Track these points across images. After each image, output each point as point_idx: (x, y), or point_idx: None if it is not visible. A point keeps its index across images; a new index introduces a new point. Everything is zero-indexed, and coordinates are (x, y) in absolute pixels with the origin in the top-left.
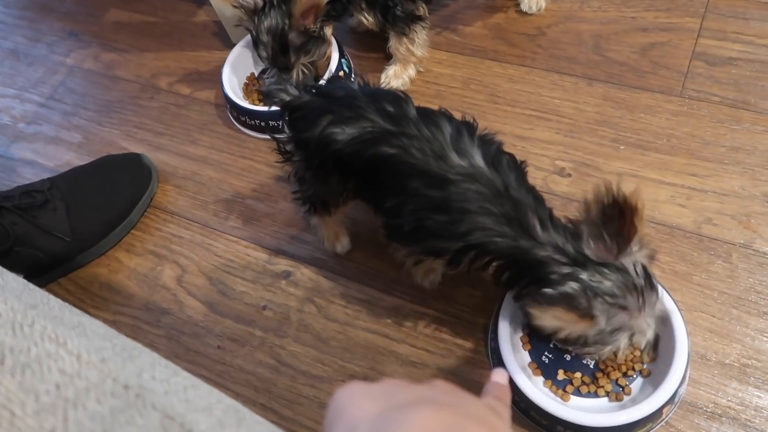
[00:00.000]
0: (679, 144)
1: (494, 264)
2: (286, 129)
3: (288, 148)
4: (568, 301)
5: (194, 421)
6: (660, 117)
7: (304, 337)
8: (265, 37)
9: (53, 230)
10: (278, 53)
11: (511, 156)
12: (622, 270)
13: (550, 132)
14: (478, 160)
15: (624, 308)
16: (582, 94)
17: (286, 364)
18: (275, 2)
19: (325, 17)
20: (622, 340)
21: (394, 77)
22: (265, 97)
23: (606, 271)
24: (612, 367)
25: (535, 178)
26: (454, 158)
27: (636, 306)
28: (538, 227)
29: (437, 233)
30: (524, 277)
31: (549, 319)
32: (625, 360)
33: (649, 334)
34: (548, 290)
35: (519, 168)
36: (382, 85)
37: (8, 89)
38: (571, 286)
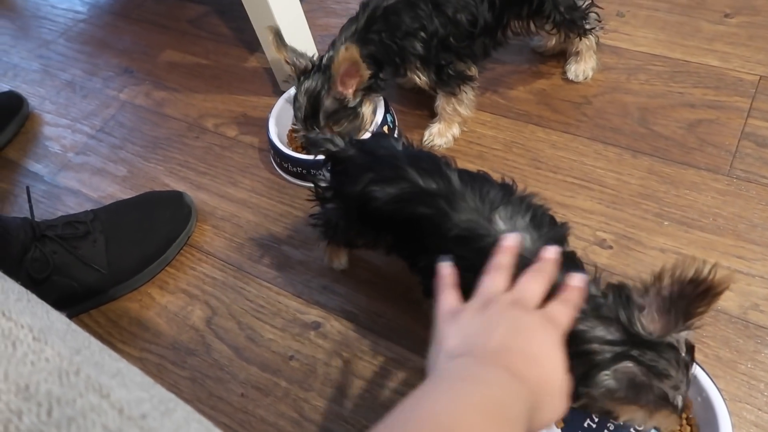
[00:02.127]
0: (726, 224)
1: None
2: (326, 176)
3: (327, 195)
4: (634, 389)
5: None
6: (706, 195)
7: (328, 391)
8: (302, 97)
9: (91, 262)
10: (309, 115)
11: (552, 219)
12: (672, 347)
13: (592, 202)
14: (519, 224)
15: (677, 388)
16: (626, 166)
17: (308, 419)
18: (322, 67)
19: (366, 89)
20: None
21: (438, 135)
22: (311, 146)
23: (660, 348)
24: None
25: (575, 248)
26: (495, 221)
27: (684, 382)
28: None
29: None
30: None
31: (635, 417)
32: None
33: (680, 402)
34: (604, 375)
35: (560, 232)
36: (425, 143)
37: (62, 119)
38: (627, 366)
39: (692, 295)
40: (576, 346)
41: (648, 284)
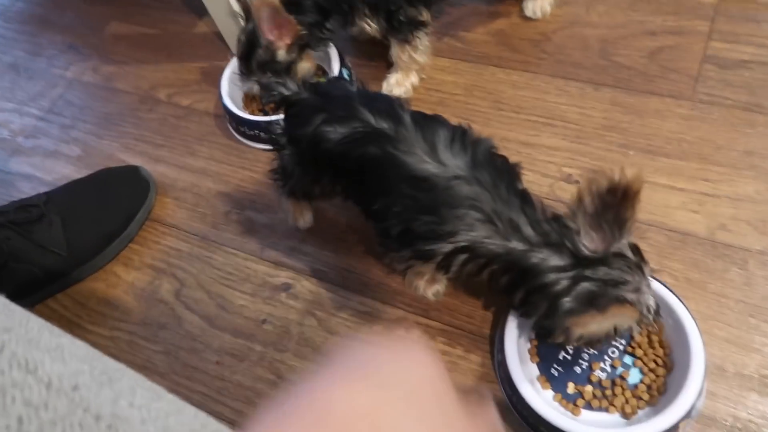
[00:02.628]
0: (691, 149)
1: (489, 269)
2: (281, 122)
3: (282, 141)
4: (595, 303)
5: None
6: (670, 121)
7: (304, 351)
8: (242, 36)
9: (49, 245)
10: (243, 57)
11: (504, 158)
12: (620, 255)
13: (557, 138)
14: (467, 161)
15: (638, 290)
16: (589, 100)
17: (286, 379)
18: None
19: (306, 45)
20: (633, 324)
21: (397, 85)
22: (264, 90)
23: (608, 260)
24: (623, 386)
25: (541, 185)
26: (443, 160)
27: (642, 283)
28: (528, 227)
29: (425, 235)
30: (522, 284)
31: (591, 327)
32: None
33: (653, 303)
34: (566, 301)
35: (511, 170)
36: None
37: (7, 103)
38: (586, 287)
39: (615, 204)
40: (534, 280)
41: (574, 207)
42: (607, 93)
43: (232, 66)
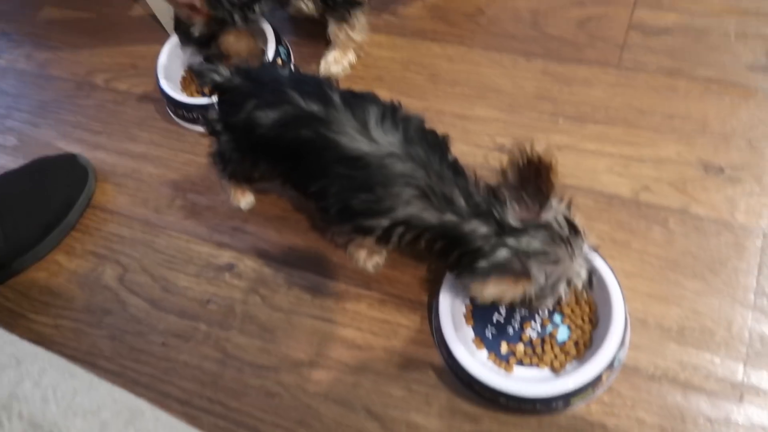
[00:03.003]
0: (617, 114)
1: (424, 238)
2: (216, 108)
3: (217, 128)
4: (502, 269)
5: (67, 427)
6: (597, 89)
7: (249, 328)
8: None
9: None
10: (176, 27)
11: (433, 132)
12: (546, 226)
13: (490, 109)
14: (399, 137)
15: (556, 261)
16: (521, 70)
17: (231, 356)
18: None
19: (221, 20)
20: (561, 289)
21: (334, 63)
22: (197, 77)
23: (532, 231)
24: (552, 343)
25: (475, 155)
26: (375, 137)
27: (567, 255)
28: (460, 199)
29: (363, 212)
30: (455, 249)
31: (490, 291)
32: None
33: (584, 275)
34: (482, 263)
35: (441, 143)
36: (322, 71)
37: None
38: (502, 254)
39: (533, 178)
40: (465, 246)
41: (500, 180)
42: (539, 63)
43: (169, 48)
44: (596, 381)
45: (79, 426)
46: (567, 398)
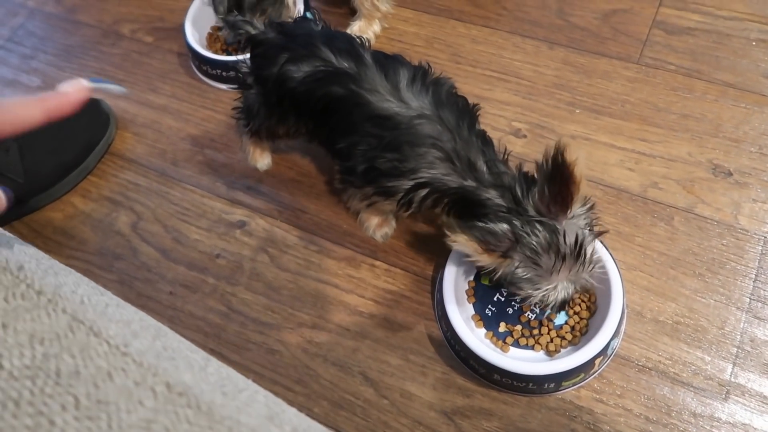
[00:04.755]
0: (633, 110)
1: (443, 203)
2: (248, 63)
3: (248, 81)
4: (484, 235)
5: (105, 327)
6: (616, 83)
7: (255, 285)
8: None
9: (6, 171)
10: (233, 6)
11: (464, 99)
12: (553, 231)
13: (509, 93)
14: (429, 100)
15: (537, 265)
16: (542, 58)
17: (236, 311)
18: None
19: None
20: (530, 292)
21: (359, 32)
22: (231, 28)
23: (538, 226)
24: (549, 326)
25: (490, 138)
26: (406, 99)
27: (549, 267)
28: (485, 168)
29: (388, 172)
30: (468, 214)
31: (459, 244)
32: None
33: (557, 296)
34: (479, 223)
35: (471, 111)
36: None
37: None
38: (500, 227)
39: (559, 179)
40: (481, 209)
41: (536, 165)
42: (561, 52)
43: (198, 4)
44: (589, 366)
45: (114, 330)
46: (559, 380)
